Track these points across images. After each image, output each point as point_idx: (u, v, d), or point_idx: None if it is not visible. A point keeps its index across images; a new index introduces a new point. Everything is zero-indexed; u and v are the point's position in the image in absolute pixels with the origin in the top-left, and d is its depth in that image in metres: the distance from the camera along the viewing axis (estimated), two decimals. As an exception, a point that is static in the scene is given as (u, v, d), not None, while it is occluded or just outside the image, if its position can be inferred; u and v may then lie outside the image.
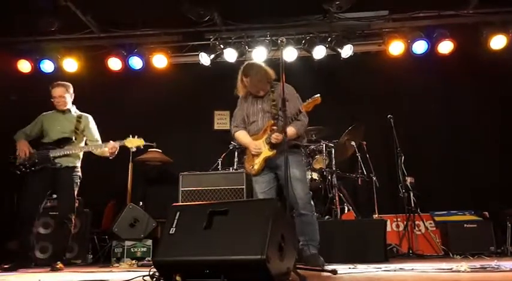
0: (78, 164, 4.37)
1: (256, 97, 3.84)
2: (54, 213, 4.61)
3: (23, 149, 4.22)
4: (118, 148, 4.30)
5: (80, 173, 4.36)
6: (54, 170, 4.21)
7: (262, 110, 3.79)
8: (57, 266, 4.04)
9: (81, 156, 4.41)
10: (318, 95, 3.56)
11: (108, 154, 4.31)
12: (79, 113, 4.51)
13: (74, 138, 4.34)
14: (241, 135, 3.85)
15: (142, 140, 4.38)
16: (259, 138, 3.74)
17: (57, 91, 4.37)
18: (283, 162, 3.50)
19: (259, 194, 3.75)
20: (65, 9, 5.27)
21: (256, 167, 3.73)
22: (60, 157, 4.23)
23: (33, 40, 6.01)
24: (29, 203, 4.16)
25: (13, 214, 4.51)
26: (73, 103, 4.52)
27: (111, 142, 4.29)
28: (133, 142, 4.34)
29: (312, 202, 3.73)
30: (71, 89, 4.46)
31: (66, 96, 4.38)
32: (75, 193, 4.27)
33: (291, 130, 3.54)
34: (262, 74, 3.74)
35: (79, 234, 5.03)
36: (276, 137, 3.56)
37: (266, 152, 3.67)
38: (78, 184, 4.31)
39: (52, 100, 4.39)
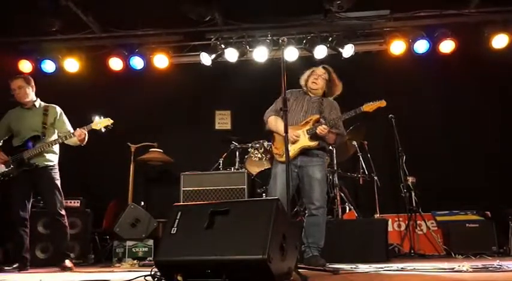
0: (56, 161, 4.28)
1: (307, 95, 3.99)
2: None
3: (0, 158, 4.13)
4: (86, 134, 4.17)
5: (57, 171, 4.26)
6: (32, 171, 4.14)
7: (307, 107, 3.91)
8: (67, 265, 4.00)
9: (57, 152, 4.31)
10: (383, 100, 3.82)
11: (79, 142, 4.21)
12: (44, 104, 4.40)
13: (43, 134, 4.23)
14: (277, 121, 3.88)
15: (109, 119, 4.25)
16: (297, 129, 3.79)
17: (16, 83, 4.28)
18: (307, 162, 3.75)
19: (272, 191, 3.74)
20: (65, 9, 5.27)
21: (289, 153, 3.75)
22: (34, 156, 4.13)
23: (34, 40, 6.01)
24: (17, 209, 4.11)
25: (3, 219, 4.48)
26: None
27: (78, 129, 4.17)
28: (101, 123, 4.22)
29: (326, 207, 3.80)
30: (32, 82, 4.37)
31: (25, 86, 4.29)
32: (59, 188, 4.20)
33: (332, 133, 3.80)
34: (336, 82, 4.03)
35: (80, 234, 5.04)
36: (323, 129, 3.68)
37: (306, 141, 3.75)
38: (59, 179, 4.24)
39: (13, 94, 4.29)
